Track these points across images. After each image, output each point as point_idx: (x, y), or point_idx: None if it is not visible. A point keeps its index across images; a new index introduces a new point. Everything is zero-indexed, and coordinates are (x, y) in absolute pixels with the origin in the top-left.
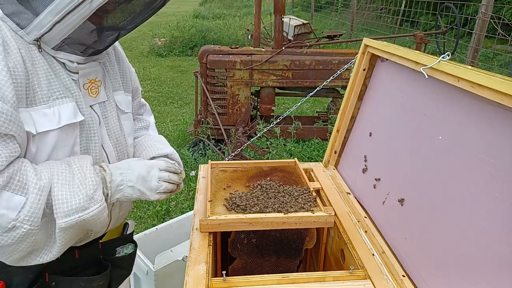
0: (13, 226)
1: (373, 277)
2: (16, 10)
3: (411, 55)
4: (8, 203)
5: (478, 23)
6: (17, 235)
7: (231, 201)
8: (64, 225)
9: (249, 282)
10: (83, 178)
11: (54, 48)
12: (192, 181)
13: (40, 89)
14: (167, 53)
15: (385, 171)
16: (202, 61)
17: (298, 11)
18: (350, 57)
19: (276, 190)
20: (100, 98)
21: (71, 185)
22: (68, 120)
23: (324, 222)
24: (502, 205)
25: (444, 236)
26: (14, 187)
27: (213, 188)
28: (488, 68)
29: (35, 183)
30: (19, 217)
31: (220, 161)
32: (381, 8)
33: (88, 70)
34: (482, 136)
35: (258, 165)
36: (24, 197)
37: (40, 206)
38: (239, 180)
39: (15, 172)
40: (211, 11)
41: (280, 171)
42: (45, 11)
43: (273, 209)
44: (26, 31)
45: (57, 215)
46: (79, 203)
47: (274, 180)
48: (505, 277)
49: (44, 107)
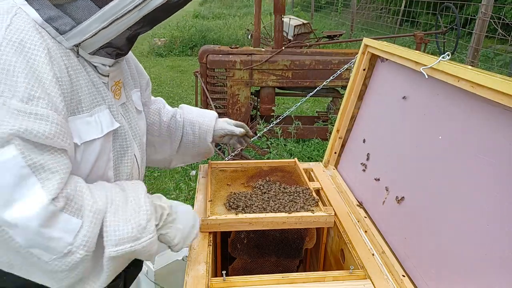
0: (69, 251)
1: (373, 277)
2: (54, 15)
3: (411, 55)
4: (66, 226)
5: (478, 23)
6: (71, 261)
7: (231, 201)
8: (114, 254)
9: (249, 282)
10: (137, 206)
11: (90, 53)
12: (192, 180)
13: (84, 96)
14: (167, 53)
15: (385, 171)
16: (202, 61)
17: (298, 11)
18: (350, 57)
19: (276, 190)
20: (122, 100)
21: (124, 213)
22: (108, 128)
23: (324, 222)
24: (502, 205)
25: (444, 236)
26: (71, 209)
27: (213, 188)
28: (488, 68)
29: (91, 206)
30: (75, 242)
31: (220, 161)
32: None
33: (115, 72)
34: (482, 136)
35: (258, 165)
36: (80, 220)
37: (96, 231)
38: (239, 180)
39: (73, 193)
40: (211, 11)
41: (280, 171)
42: (91, 18)
43: (273, 209)
44: (65, 36)
45: (107, 243)
46: (131, 233)
47: (274, 180)
48: (505, 277)
49: (86, 116)
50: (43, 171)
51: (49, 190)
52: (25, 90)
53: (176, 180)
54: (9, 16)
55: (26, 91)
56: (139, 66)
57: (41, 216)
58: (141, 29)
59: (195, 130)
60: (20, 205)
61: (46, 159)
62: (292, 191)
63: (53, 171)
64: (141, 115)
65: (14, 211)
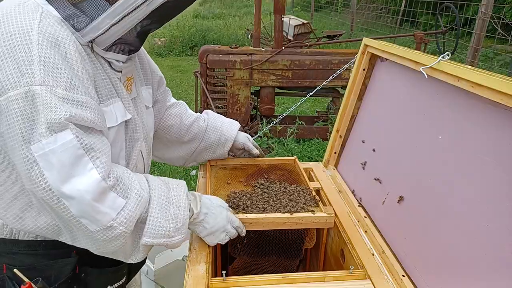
0: (111, 226)
1: (373, 277)
2: (72, 13)
3: (411, 55)
4: (112, 203)
5: (478, 23)
6: (112, 234)
7: (231, 201)
8: (149, 243)
9: (249, 282)
10: (177, 209)
11: (104, 49)
12: (192, 180)
13: (100, 88)
14: (167, 53)
15: (385, 171)
16: (202, 61)
17: (298, 11)
18: (350, 57)
19: (277, 189)
20: (133, 95)
21: (166, 212)
22: (123, 117)
23: (324, 222)
24: (502, 205)
25: (444, 236)
26: (119, 190)
27: (213, 186)
28: (488, 68)
29: (137, 190)
30: (117, 218)
31: (219, 159)
32: (381, 8)
33: (128, 69)
34: (482, 136)
35: (257, 162)
36: (125, 200)
37: (137, 212)
38: (239, 178)
39: (122, 176)
40: (211, 11)
41: (280, 169)
42: (103, 14)
43: (273, 209)
44: (81, 33)
45: (146, 233)
46: (168, 231)
47: (274, 179)
48: (505, 277)
49: (103, 106)
50: (93, 151)
51: (99, 167)
52: (66, 80)
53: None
54: (38, 13)
55: (67, 81)
56: (152, 64)
57: (94, 191)
58: (150, 25)
59: (217, 136)
60: (77, 180)
61: (94, 140)
62: (292, 190)
63: (100, 151)
64: (149, 111)
65: (72, 185)
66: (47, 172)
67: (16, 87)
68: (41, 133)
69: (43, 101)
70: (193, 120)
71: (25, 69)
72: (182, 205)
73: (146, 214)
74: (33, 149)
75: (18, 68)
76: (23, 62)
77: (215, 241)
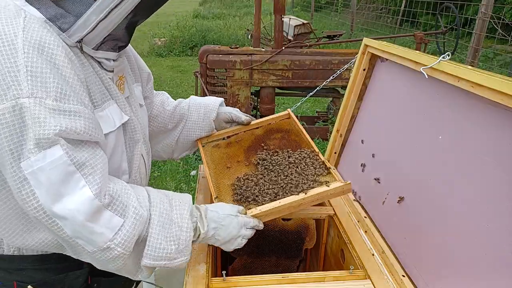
0: (108, 247)
1: (373, 277)
2: (56, 13)
3: (411, 55)
4: (108, 223)
5: (478, 23)
6: (109, 255)
7: (238, 193)
8: (149, 265)
9: (249, 282)
10: (179, 229)
11: (94, 48)
12: (193, 180)
13: (94, 92)
14: (167, 53)
15: (385, 171)
16: (202, 61)
17: (298, 11)
18: (350, 57)
19: (281, 163)
20: (126, 94)
21: (167, 232)
22: (120, 120)
23: (342, 191)
24: (502, 205)
25: (444, 236)
26: (116, 208)
27: (213, 175)
28: (488, 68)
29: (135, 208)
30: (114, 239)
31: (207, 136)
32: (381, 8)
33: (120, 67)
34: (482, 136)
35: (251, 129)
36: (122, 219)
37: (135, 233)
38: (238, 157)
39: (119, 193)
40: (211, 11)
41: (277, 131)
42: (88, 11)
43: (285, 191)
44: (68, 33)
45: (146, 255)
46: (169, 253)
47: (275, 147)
48: (505, 277)
49: (99, 110)
50: (85, 167)
51: (92, 184)
52: (56, 89)
53: (176, 180)
54: (21, 18)
55: (57, 90)
56: (139, 60)
57: (87, 210)
58: (138, 17)
59: (200, 110)
60: (68, 199)
61: (86, 155)
62: (298, 158)
63: (93, 166)
64: (143, 109)
65: (63, 205)
66: (37, 190)
67: (2, 100)
68: (30, 149)
69: (31, 115)
70: (175, 105)
71: (11, 80)
72: (185, 225)
73: (146, 234)
74: (23, 166)
75: (4, 80)
76: (9, 74)
77: (232, 247)
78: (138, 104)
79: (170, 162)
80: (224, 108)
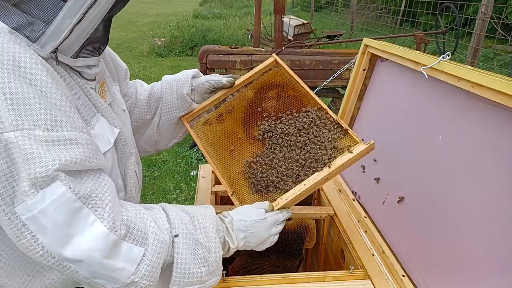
0: (132, 281)
1: (373, 277)
2: (22, 20)
3: (411, 55)
4: (128, 255)
5: (478, 23)
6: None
7: (256, 184)
8: None
9: (249, 282)
10: (207, 252)
11: (73, 57)
12: (192, 180)
13: (81, 109)
14: (167, 53)
15: (385, 171)
16: (202, 61)
17: (298, 11)
18: (350, 57)
19: (289, 131)
20: (107, 100)
21: (195, 255)
22: (113, 136)
23: (366, 153)
24: (502, 205)
25: (444, 236)
26: (134, 237)
27: (218, 164)
28: (488, 68)
29: (155, 234)
30: (138, 271)
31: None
32: (381, 8)
33: (101, 73)
34: (482, 136)
35: (239, 91)
36: (143, 248)
37: (160, 261)
38: (236, 133)
39: (134, 220)
40: (211, 11)
41: (269, 87)
42: (60, 14)
43: (306, 169)
44: (39, 44)
45: (174, 282)
46: (200, 277)
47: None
48: (505, 277)
49: (90, 128)
50: (92, 199)
51: (104, 217)
52: (44, 116)
53: (176, 180)
54: None
55: (46, 117)
56: (114, 56)
57: (103, 247)
58: (116, 10)
59: (173, 88)
60: (80, 239)
61: (90, 186)
62: (306, 122)
63: (100, 196)
64: (126, 113)
65: (75, 246)
66: (40, 236)
67: None
68: (25, 191)
69: (21, 151)
70: (149, 92)
71: None
72: (212, 246)
73: (171, 258)
74: (18, 211)
75: None
76: None
77: (264, 247)
78: (121, 109)
79: (170, 162)
80: (200, 79)
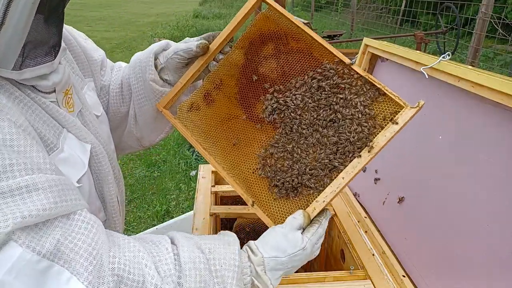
0: None
1: (373, 277)
2: None
3: (411, 55)
4: None
5: (478, 23)
6: None
7: (281, 186)
8: None
9: None
10: None
11: (15, 69)
12: (192, 180)
13: (42, 130)
14: None
15: (385, 171)
16: None
17: (298, 11)
18: (350, 57)
19: (309, 110)
20: (76, 108)
21: None
22: (86, 155)
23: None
24: (502, 205)
25: (444, 236)
26: None
27: (223, 163)
28: (489, 68)
29: (154, 286)
30: None
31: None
32: (381, 8)
33: (62, 81)
34: (482, 136)
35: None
36: None
37: None
38: (236, 117)
39: (128, 265)
40: (211, 11)
41: (262, 42)
42: None
43: (340, 156)
44: None
45: None
46: None
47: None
48: (505, 277)
49: (58, 152)
50: (62, 254)
51: (81, 272)
52: None
53: (176, 180)
54: None
55: None
56: (86, 47)
57: None
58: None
59: (137, 72)
60: None
61: (59, 236)
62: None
63: (72, 247)
64: (101, 118)
65: None
66: None
67: None
68: None
69: None
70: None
71: None
72: None
73: None
74: None
75: None
76: None
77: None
78: (94, 117)
79: (170, 162)
80: (168, 52)
